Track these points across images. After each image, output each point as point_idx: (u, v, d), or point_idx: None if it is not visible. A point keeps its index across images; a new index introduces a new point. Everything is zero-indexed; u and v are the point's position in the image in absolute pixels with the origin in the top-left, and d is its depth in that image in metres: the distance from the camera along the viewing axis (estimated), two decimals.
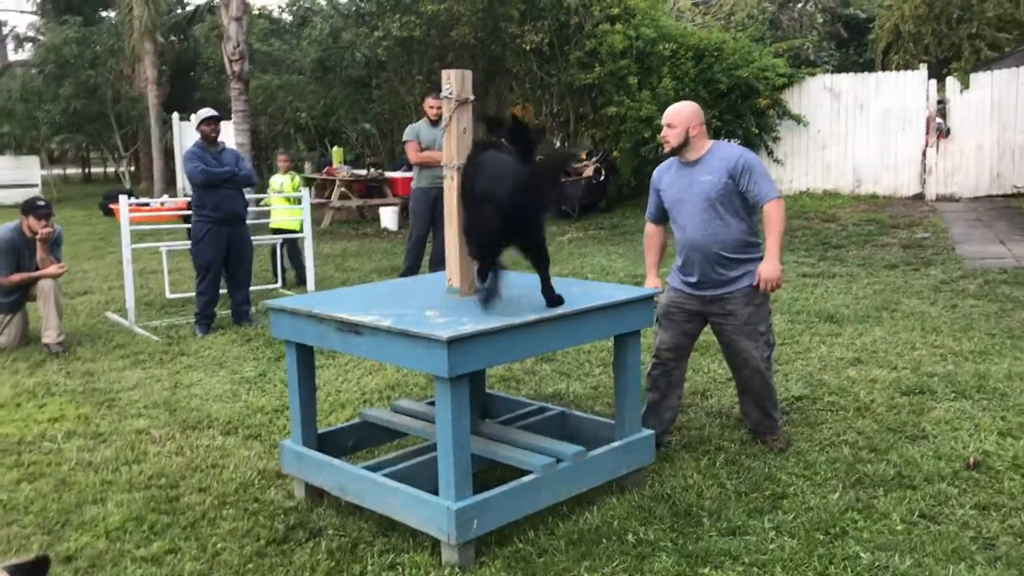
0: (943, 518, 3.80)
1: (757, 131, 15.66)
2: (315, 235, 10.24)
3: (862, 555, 3.49)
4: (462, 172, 3.99)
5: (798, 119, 15.66)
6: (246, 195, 8.25)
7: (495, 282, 3.81)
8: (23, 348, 7.30)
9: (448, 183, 4.17)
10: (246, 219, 8.08)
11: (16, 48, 37.39)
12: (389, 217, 15.35)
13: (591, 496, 4.03)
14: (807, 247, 11.10)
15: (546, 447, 4.02)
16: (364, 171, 16.89)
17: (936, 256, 10.13)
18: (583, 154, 16.06)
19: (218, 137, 7.83)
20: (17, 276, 7.17)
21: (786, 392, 5.42)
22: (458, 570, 3.45)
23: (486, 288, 3.80)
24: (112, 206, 14.50)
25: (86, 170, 39.16)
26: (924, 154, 15.19)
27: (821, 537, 3.65)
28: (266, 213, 9.99)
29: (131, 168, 29.14)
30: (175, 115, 20.95)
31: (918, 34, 20.59)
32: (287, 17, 24.31)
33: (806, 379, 5.73)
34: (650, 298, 4.24)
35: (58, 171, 35.66)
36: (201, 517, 4.03)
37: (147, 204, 10.92)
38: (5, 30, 37.79)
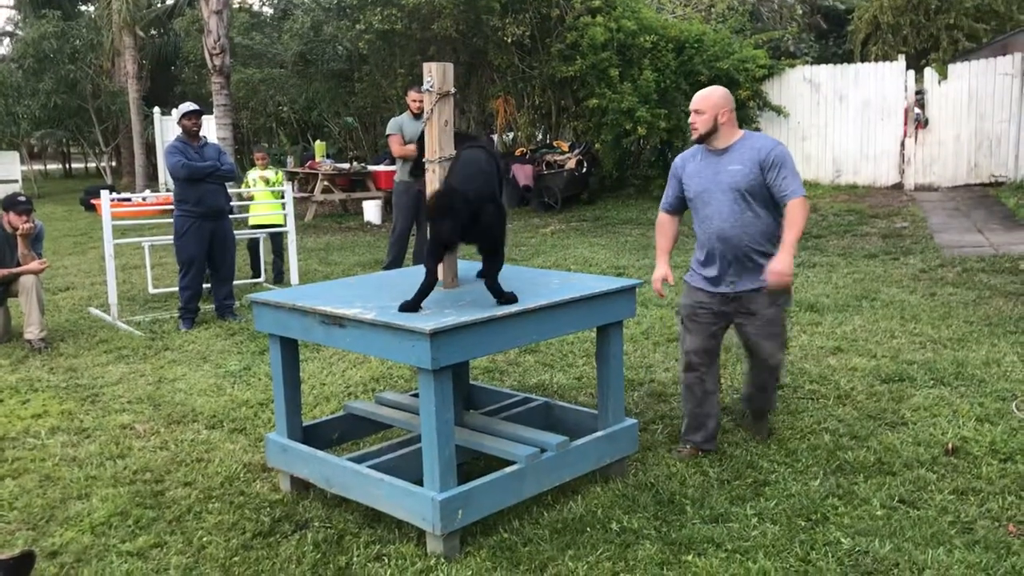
0: (922, 503, 3.85)
1: (737, 122, 15.71)
2: (298, 229, 10.22)
3: (843, 540, 3.53)
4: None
5: (778, 110, 15.75)
6: (228, 189, 8.22)
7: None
8: (5, 344, 7.26)
9: (430, 175, 4.18)
10: (229, 213, 8.06)
11: None
12: (372, 211, 15.33)
13: (575, 485, 4.07)
14: None
15: (530, 437, 4.05)
16: (347, 165, 16.87)
17: (915, 245, 10.22)
18: (565, 145, 16.09)
19: (200, 131, 7.81)
20: None
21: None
22: (443, 560, 3.48)
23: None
24: (94, 201, 14.44)
25: (67, 165, 38.86)
26: (903, 144, 15.32)
27: (803, 523, 3.70)
28: (247, 207, 9.91)
29: (112, 163, 28.97)
30: (156, 110, 20.84)
31: (897, 25, 20.73)
32: (268, 10, 24.26)
33: (787, 368, 5.78)
34: (632, 289, 4.26)
35: (39, 167, 35.42)
36: (186, 511, 4.04)
37: (129, 199, 10.88)
38: None
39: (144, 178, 22.93)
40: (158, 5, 29.08)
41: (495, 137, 18.25)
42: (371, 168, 16.61)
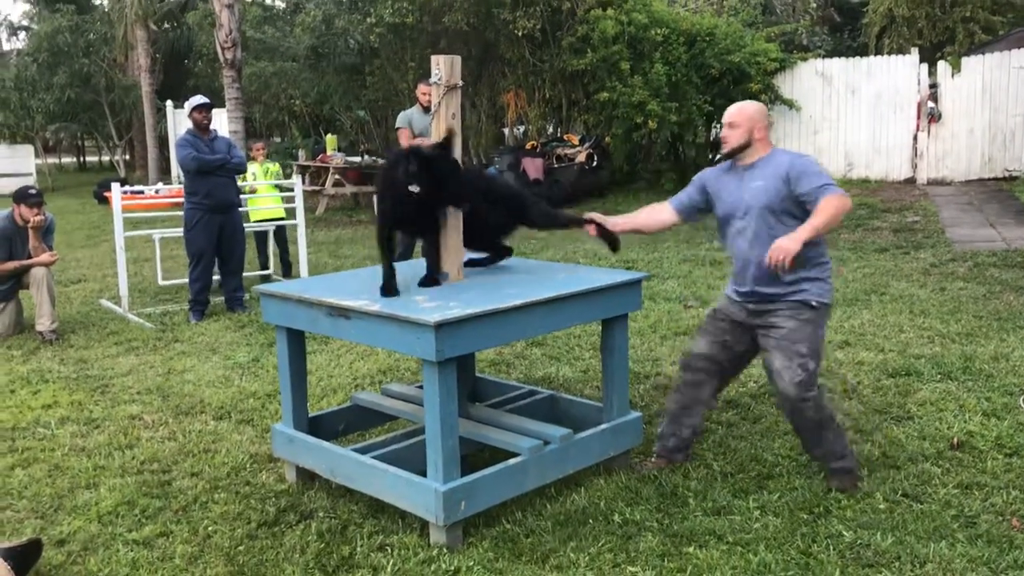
0: (926, 497, 3.85)
1: None
2: (309, 222, 10.25)
3: (845, 533, 3.54)
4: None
5: (790, 104, 15.68)
6: (238, 182, 8.26)
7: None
8: (17, 336, 7.32)
9: None
10: (239, 206, 8.11)
11: (9, 37, 37.23)
12: None
13: (578, 478, 4.08)
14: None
15: (534, 430, 4.07)
16: (358, 158, 16.90)
17: (926, 240, 10.17)
18: (575, 138, 16.07)
19: (210, 125, 7.85)
20: (9, 264, 7.19)
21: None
22: (446, 551, 3.50)
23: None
24: (106, 194, 14.49)
25: (81, 159, 39.08)
26: (915, 138, 15.24)
27: (805, 516, 3.70)
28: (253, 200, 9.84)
29: (125, 156, 29.12)
30: (169, 103, 20.92)
31: (912, 18, 20.59)
32: (280, 4, 24.27)
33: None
34: (638, 282, 4.25)
35: (53, 160, 35.59)
36: (193, 501, 4.08)
37: (141, 192, 10.94)
38: None
39: (157, 171, 23.04)
40: None
41: (506, 131, 18.26)
42: (382, 161, 16.62)
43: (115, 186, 8.42)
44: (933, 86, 15.20)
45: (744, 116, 3.99)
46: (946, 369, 5.50)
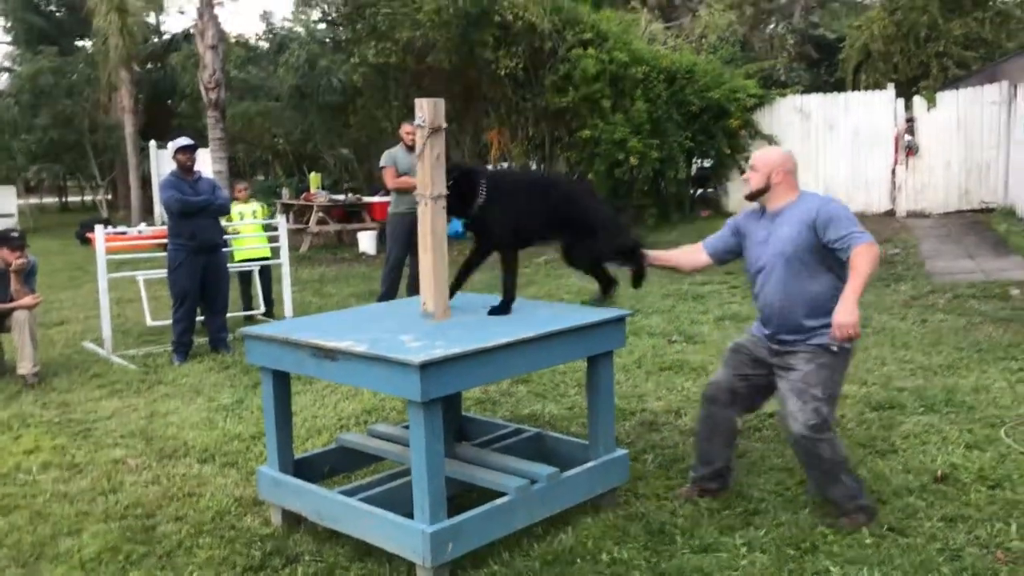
0: (911, 531, 3.86)
1: (729, 151, 15.92)
2: (293, 261, 10.25)
3: (832, 569, 3.54)
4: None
5: (769, 139, 15.87)
6: (222, 223, 8.26)
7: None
8: None
9: (422, 210, 4.21)
10: (223, 247, 8.11)
11: None
12: (367, 242, 15.40)
13: (566, 516, 4.07)
14: None
15: (521, 469, 4.07)
16: (342, 196, 16.95)
17: (907, 272, 10.28)
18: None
19: (194, 166, 7.87)
20: None
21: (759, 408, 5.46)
22: None
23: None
24: (89, 235, 14.45)
25: (63, 199, 38.96)
26: (894, 172, 15.44)
27: (792, 552, 3.71)
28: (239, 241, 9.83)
29: (108, 196, 29.04)
30: (152, 143, 20.95)
31: (887, 53, 20.92)
32: (264, 44, 24.42)
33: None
34: (622, 319, 4.29)
35: (35, 200, 35.49)
36: (177, 546, 4.04)
37: (124, 232, 10.91)
38: None
39: (140, 211, 23.00)
40: (154, 40, 29.36)
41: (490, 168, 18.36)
42: (366, 199, 16.69)
43: (99, 227, 8.41)
44: (910, 120, 15.44)
45: (763, 161, 4.09)
46: (929, 402, 5.54)
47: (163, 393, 6.70)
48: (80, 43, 30.76)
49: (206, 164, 14.73)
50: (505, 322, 4.11)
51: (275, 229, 9.64)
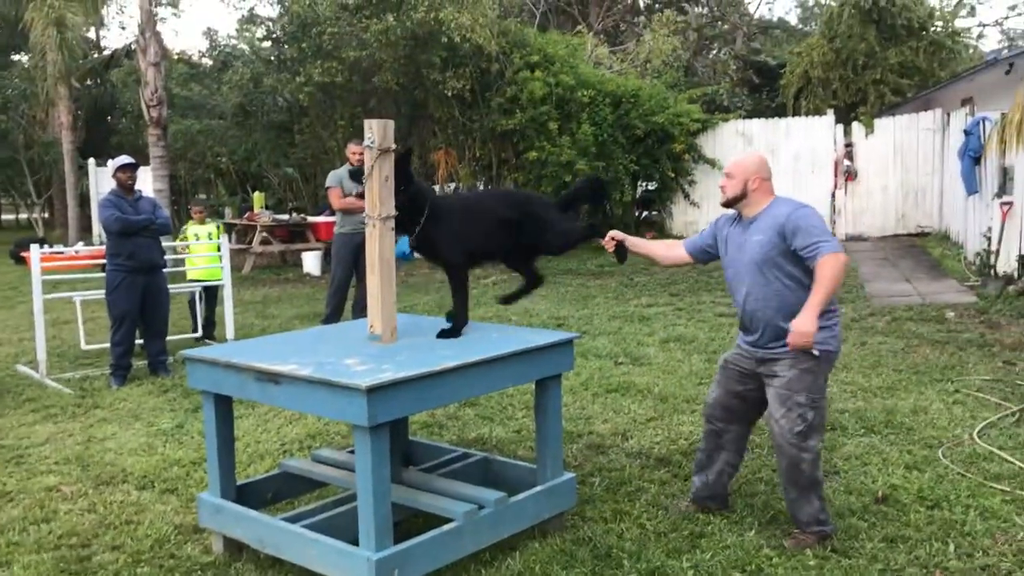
0: (853, 552, 3.91)
1: (673, 175, 16.16)
2: (236, 282, 10.08)
3: None
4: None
5: (712, 163, 16.14)
6: (163, 243, 8.11)
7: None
8: None
9: (370, 231, 4.17)
10: (163, 268, 7.95)
11: None
12: (312, 262, 15.24)
13: (513, 541, 4.05)
14: (723, 288, 11.35)
15: (468, 494, 4.03)
16: (286, 216, 16.77)
17: (847, 295, 10.48)
18: None
19: (135, 185, 7.72)
20: None
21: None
22: None
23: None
24: (23, 254, 14.05)
25: None
26: (833, 196, 15.79)
27: (737, 575, 3.73)
28: (183, 261, 9.68)
29: (44, 215, 28.37)
30: (91, 161, 20.53)
31: (826, 80, 21.45)
32: (207, 62, 24.14)
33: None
34: (570, 342, 4.29)
35: None
36: None
37: (61, 252, 10.63)
38: None
39: (77, 230, 22.45)
40: (94, 56, 28.79)
41: (437, 188, 18.34)
42: (310, 219, 16.54)
43: (34, 247, 8.20)
44: (849, 145, 15.82)
45: (739, 167, 4.09)
46: (869, 423, 5.64)
47: (100, 418, 6.52)
48: (16, 57, 30.05)
49: (147, 182, 14.48)
50: (453, 345, 4.08)
51: (217, 248, 9.49)
